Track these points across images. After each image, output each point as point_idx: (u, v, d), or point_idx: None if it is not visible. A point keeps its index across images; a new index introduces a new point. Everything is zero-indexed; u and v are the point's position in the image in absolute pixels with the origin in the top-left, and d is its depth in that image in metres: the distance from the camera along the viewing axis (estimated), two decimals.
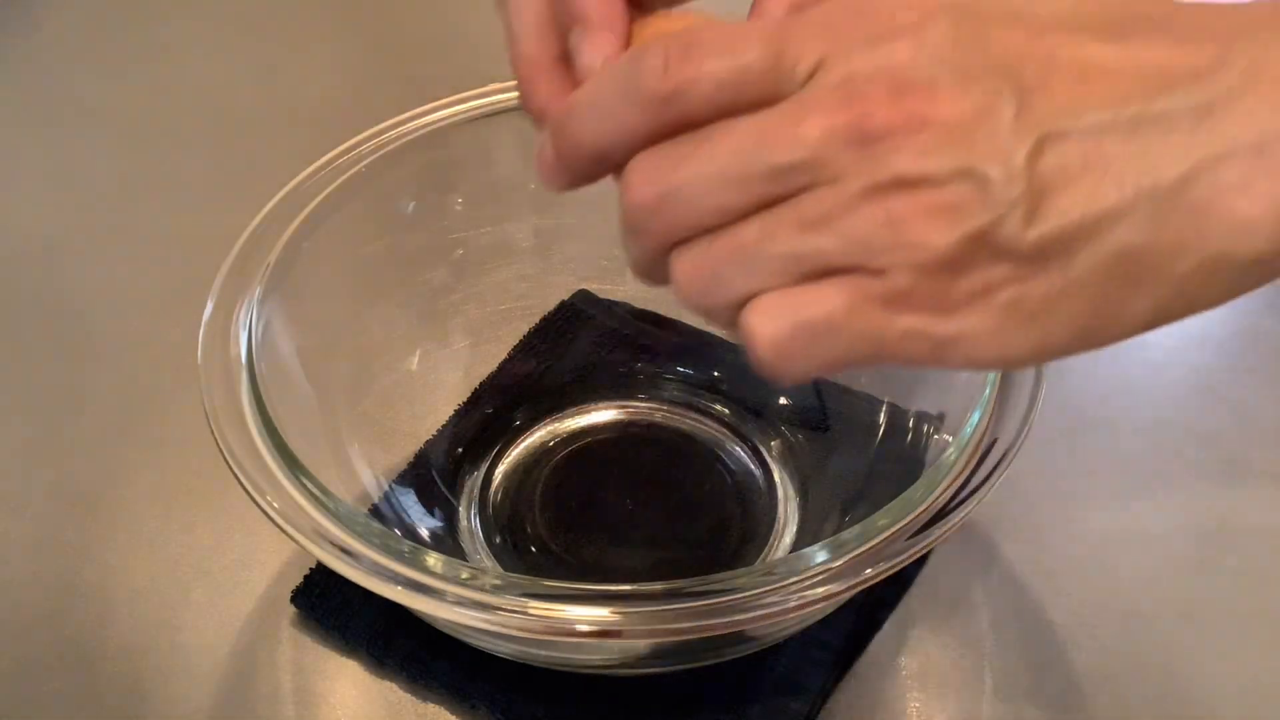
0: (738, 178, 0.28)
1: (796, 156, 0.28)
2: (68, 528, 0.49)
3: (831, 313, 0.28)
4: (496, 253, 0.52)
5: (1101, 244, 0.26)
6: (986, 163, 0.26)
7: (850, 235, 0.27)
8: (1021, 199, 0.26)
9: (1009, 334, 0.27)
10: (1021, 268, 0.27)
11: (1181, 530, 0.49)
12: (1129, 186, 0.26)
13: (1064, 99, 0.27)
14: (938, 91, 0.27)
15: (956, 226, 0.27)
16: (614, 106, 0.30)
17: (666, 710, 0.43)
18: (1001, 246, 0.27)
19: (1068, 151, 0.26)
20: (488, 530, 0.47)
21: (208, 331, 0.42)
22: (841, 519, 0.45)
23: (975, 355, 0.28)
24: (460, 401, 0.51)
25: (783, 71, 0.28)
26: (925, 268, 0.27)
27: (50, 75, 0.73)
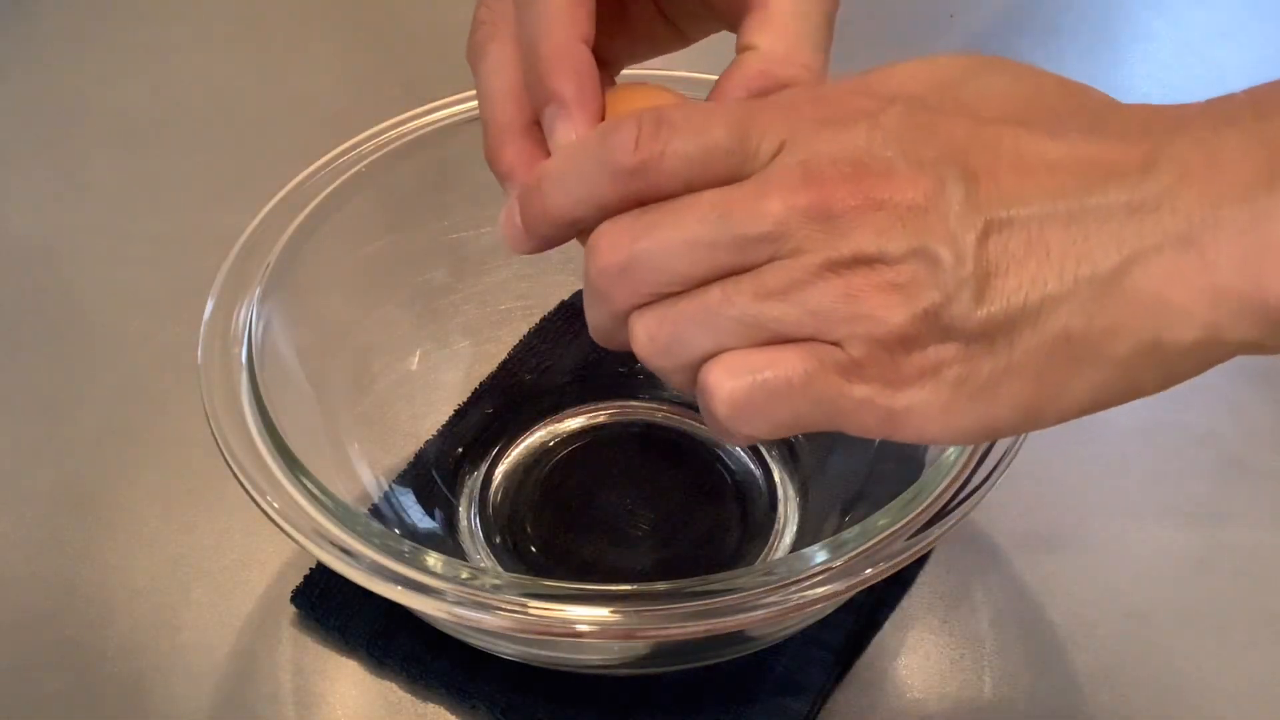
0: (704, 245, 0.30)
1: (761, 229, 0.29)
2: (68, 528, 0.49)
3: (790, 375, 0.29)
4: (496, 253, 0.52)
5: (1043, 326, 0.28)
6: (939, 243, 0.28)
7: (810, 305, 0.29)
8: (970, 279, 0.28)
9: (956, 410, 0.29)
10: (969, 346, 0.28)
11: (1181, 530, 0.49)
12: (1069, 273, 0.27)
13: (1008, 187, 0.28)
14: (894, 175, 0.29)
15: (910, 303, 0.28)
16: (584, 177, 0.32)
17: (666, 710, 0.43)
18: (951, 325, 0.28)
19: (1012, 237, 0.28)
20: (487, 530, 0.47)
21: (208, 331, 0.42)
22: (841, 519, 0.45)
23: (924, 429, 0.29)
24: (460, 401, 0.51)
25: (748, 150, 0.30)
26: (881, 341, 0.29)
27: (50, 75, 0.73)
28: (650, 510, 0.48)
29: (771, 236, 0.29)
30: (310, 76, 0.72)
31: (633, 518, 0.48)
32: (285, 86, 0.72)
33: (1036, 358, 0.28)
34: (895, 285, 0.28)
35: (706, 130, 0.30)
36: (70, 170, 0.67)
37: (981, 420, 0.29)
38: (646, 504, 0.48)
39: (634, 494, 0.49)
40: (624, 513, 0.48)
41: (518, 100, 0.35)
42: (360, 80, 0.72)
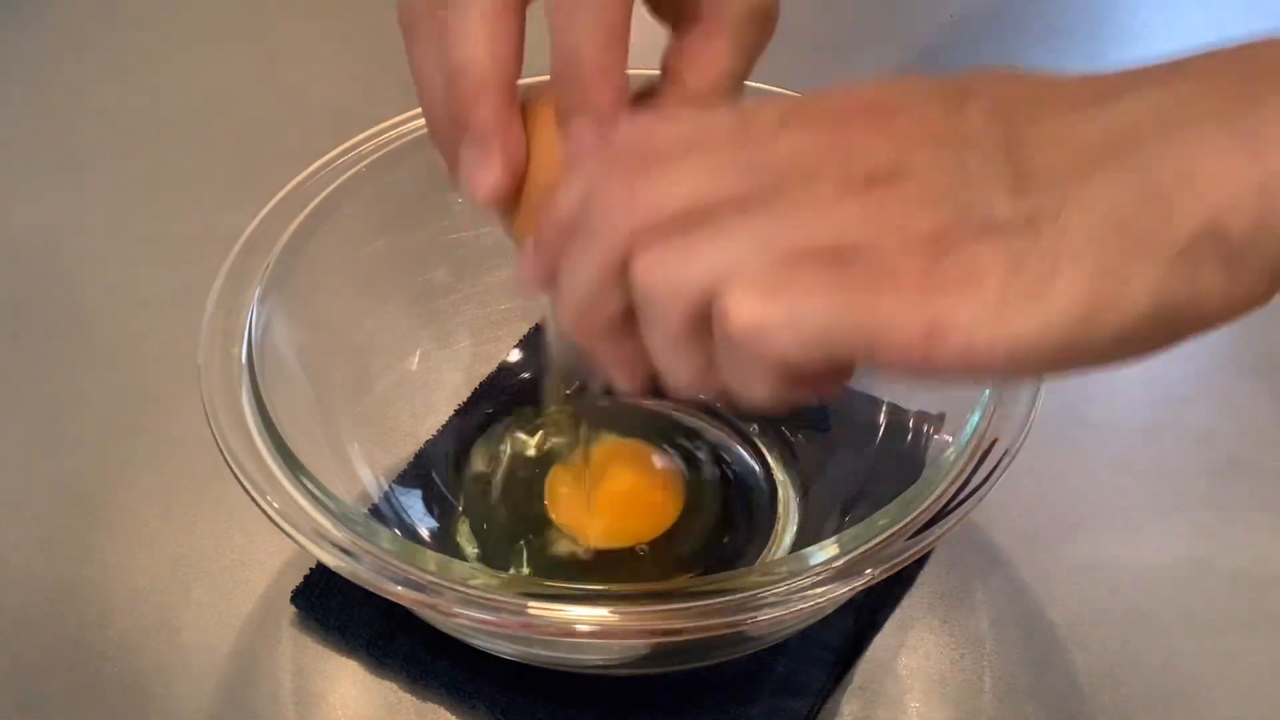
0: (714, 166, 0.28)
1: (774, 154, 0.28)
2: (68, 528, 0.49)
3: (816, 284, 0.27)
4: (496, 253, 0.52)
5: (1091, 206, 0.26)
6: (964, 148, 0.27)
7: (833, 218, 0.27)
8: (1003, 170, 0.26)
9: (1007, 314, 0.26)
10: (1012, 239, 0.26)
11: (1181, 530, 0.49)
12: (1110, 150, 0.26)
13: (1028, 106, 0.27)
14: (909, 103, 0.28)
15: (938, 202, 0.26)
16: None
17: (666, 710, 0.43)
18: (989, 218, 0.26)
19: (1041, 134, 0.27)
20: (487, 530, 0.47)
21: (208, 331, 0.42)
22: (841, 519, 0.45)
23: (973, 341, 0.26)
24: (460, 401, 0.51)
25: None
26: (911, 243, 0.26)
27: (50, 75, 0.73)
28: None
29: (786, 159, 0.27)
30: (310, 76, 0.72)
31: None
32: (285, 86, 0.72)
33: (1089, 245, 0.26)
34: (920, 189, 0.27)
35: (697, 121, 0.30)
36: (70, 170, 0.67)
37: (1037, 324, 0.26)
38: None
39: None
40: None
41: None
42: (360, 80, 0.72)
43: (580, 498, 0.47)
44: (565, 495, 0.47)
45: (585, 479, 0.47)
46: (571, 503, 0.47)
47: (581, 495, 0.47)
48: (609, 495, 0.47)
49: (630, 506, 0.47)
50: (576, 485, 0.47)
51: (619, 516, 0.47)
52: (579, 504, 0.46)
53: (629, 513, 0.47)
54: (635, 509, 0.47)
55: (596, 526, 0.46)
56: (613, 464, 0.48)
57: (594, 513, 0.46)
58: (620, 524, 0.46)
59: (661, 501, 0.47)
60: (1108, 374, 0.55)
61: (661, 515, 0.47)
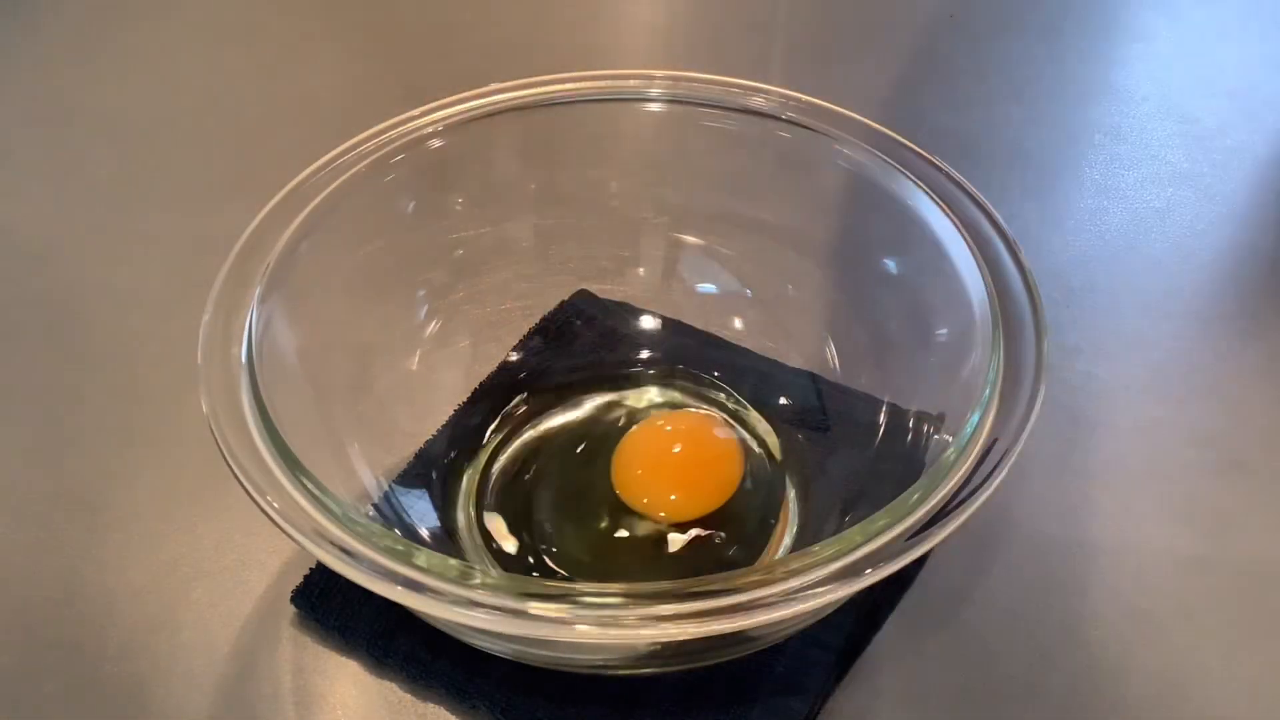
0: None
1: None
2: (68, 528, 0.49)
3: None
4: (496, 253, 0.52)
5: None
6: None
7: None
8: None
9: None
10: None
11: (1181, 530, 0.49)
12: None
13: None
14: None
15: None
16: None
17: (666, 710, 0.43)
18: None
19: None
20: (486, 530, 0.47)
21: (208, 331, 0.42)
22: (841, 519, 0.45)
23: None
24: (460, 401, 0.51)
25: None
26: None
27: (50, 75, 0.73)
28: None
29: None
30: (310, 76, 0.72)
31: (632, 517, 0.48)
32: (285, 86, 0.72)
33: None
34: None
35: None
36: (70, 170, 0.67)
37: None
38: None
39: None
40: (623, 512, 0.48)
41: None
42: (360, 80, 0.72)
43: (650, 476, 0.47)
44: (636, 475, 0.47)
45: (651, 456, 0.47)
46: (642, 481, 0.47)
47: (651, 473, 0.47)
48: (685, 468, 0.47)
49: (705, 477, 0.48)
50: (644, 462, 0.47)
51: (696, 488, 0.47)
52: (651, 481, 0.47)
53: (704, 483, 0.47)
54: (709, 479, 0.48)
55: (674, 502, 0.46)
56: (681, 437, 0.48)
57: (671, 488, 0.47)
58: (697, 496, 0.47)
59: (730, 468, 0.47)
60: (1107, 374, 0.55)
61: (730, 482, 0.47)
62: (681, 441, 0.49)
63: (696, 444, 0.49)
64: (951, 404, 0.43)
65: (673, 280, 0.55)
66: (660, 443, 0.48)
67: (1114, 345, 0.56)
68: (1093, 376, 0.55)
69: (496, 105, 0.50)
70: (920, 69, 0.72)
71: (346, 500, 0.40)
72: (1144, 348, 0.56)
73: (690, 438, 0.49)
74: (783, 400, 0.51)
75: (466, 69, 0.70)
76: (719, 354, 0.53)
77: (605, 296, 0.55)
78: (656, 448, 0.48)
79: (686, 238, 0.54)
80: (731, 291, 0.54)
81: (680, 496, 0.47)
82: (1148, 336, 0.57)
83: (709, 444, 0.49)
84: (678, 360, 0.53)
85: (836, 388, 0.50)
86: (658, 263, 0.55)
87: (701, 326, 0.54)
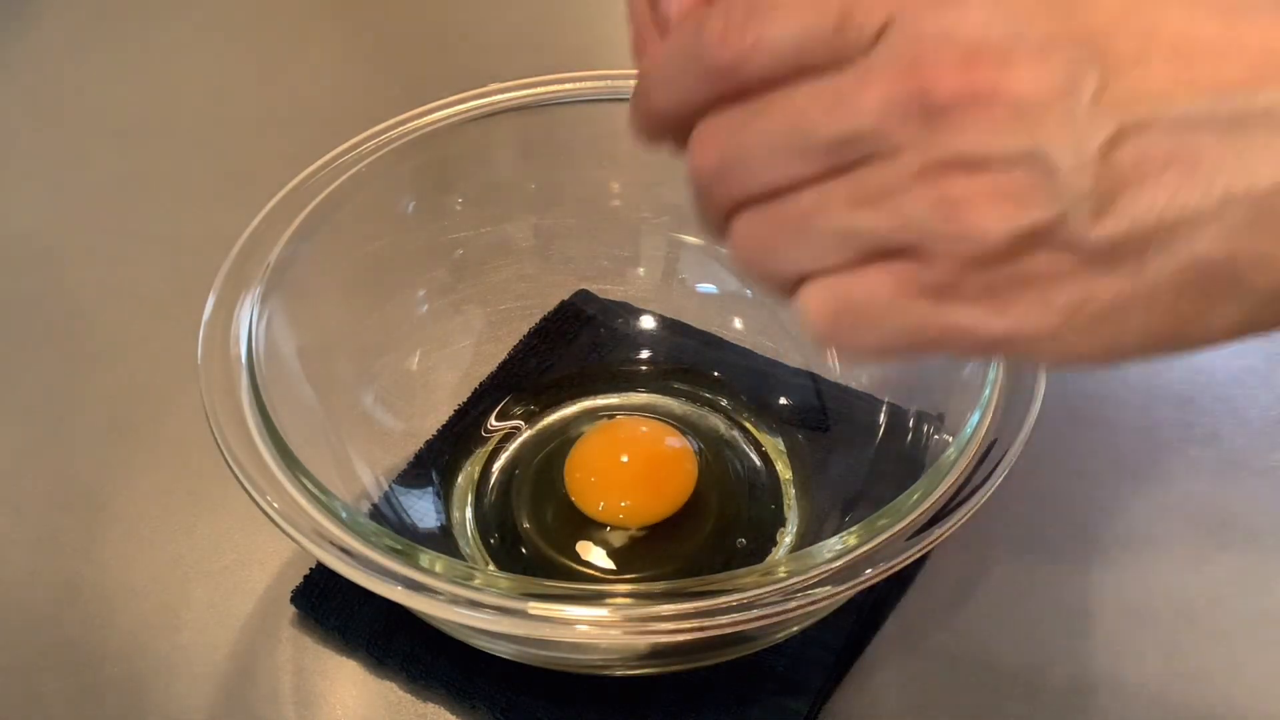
0: (796, 148, 0.27)
1: (855, 127, 0.26)
2: (68, 528, 0.49)
3: (874, 299, 0.27)
4: (496, 253, 0.52)
5: (1178, 252, 0.24)
6: (1057, 148, 0.24)
7: (903, 215, 0.26)
8: (1090, 191, 0.24)
9: (1072, 336, 0.25)
10: (1086, 267, 0.25)
11: (1181, 530, 0.49)
12: (1217, 189, 0.24)
13: (1157, 80, 0.24)
14: (1012, 61, 0.25)
15: (1014, 216, 0.25)
16: (678, 75, 0.29)
17: (666, 710, 0.43)
18: (1064, 242, 0.25)
19: (1152, 143, 0.24)
20: (486, 530, 0.47)
21: (208, 331, 0.42)
22: (841, 519, 0.45)
23: (1036, 354, 0.26)
24: (460, 401, 0.51)
25: (848, 35, 0.26)
26: (977, 259, 0.25)
27: (50, 75, 0.73)
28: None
29: (868, 134, 0.26)
30: (310, 77, 0.72)
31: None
32: (285, 87, 0.72)
33: (1167, 287, 0.24)
34: (1000, 194, 0.25)
35: (800, 15, 0.26)
36: (70, 170, 0.67)
37: (1104, 347, 0.25)
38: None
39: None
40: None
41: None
42: (360, 80, 0.72)
43: (599, 479, 0.47)
44: (582, 479, 0.47)
45: (603, 461, 0.47)
46: (590, 485, 0.47)
47: (601, 477, 0.47)
48: (631, 473, 0.47)
49: (651, 482, 0.48)
50: (594, 467, 0.48)
51: (642, 493, 0.47)
52: (599, 486, 0.47)
53: (652, 489, 0.47)
54: (656, 485, 0.47)
55: (620, 506, 0.47)
56: (631, 442, 0.48)
57: (617, 493, 0.47)
58: (644, 501, 0.47)
59: (683, 474, 0.47)
60: (1107, 374, 0.55)
61: (683, 489, 0.47)
62: (627, 449, 0.49)
63: (641, 451, 0.49)
64: (951, 404, 0.43)
65: (673, 280, 0.55)
66: (606, 451, 0.48)
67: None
68: (1093, 376, 0.55)
69: (496, 105, 0.50)
70: None
71: (346, 500, 0.40)
72: None
73: (636, 445, 0.49)
74: (783, 400, 0.51)
75: (466, 69, 0.70)
76: (719, 354, 0.53)
77: (605, 296, 0.55)
78: (603, 456, 0.48)
79: (686, 238, 0.54)
80: (731, 291, 0.54)
81: (631, 503, 0.47)
82: None
83: (653, 450, 0.49)
84: (678, 360, 0.53)
85: (836, 388, 0.50)
86: (658, 263, 0.55)
87: (701, 326, 0.54)
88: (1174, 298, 0.25)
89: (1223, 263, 0.24)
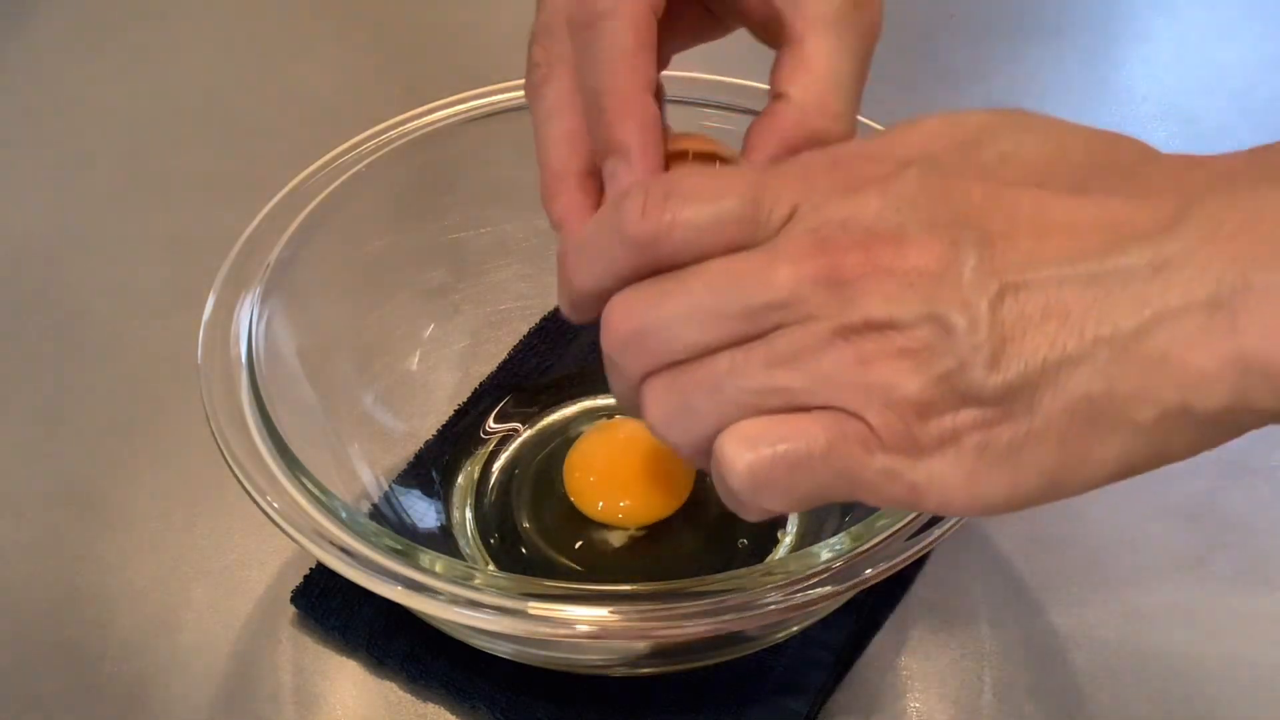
0: (711, 315, 0.29)
1: (770, 297, 0.29)
2: (68, 528, 0.49)
3: (811, 445, 0.29)
4: (496, 253, 0.52)
5: (1063, 390, 0.27)
6: (951, 309, 0.27)
7: (822, 372, 0.28)
8: (985, 343, 0.27)
9: (979, 480, 0.28)
10: (988, 411, 0.27)
11: (1181, 530, 0.49)
12: (1088, 334, 0.27)
13: (1025, 250, 0.27)
14: (905, 240, 0.28)
15: (924, 370, 0.27)
16: (601, 250, 0.32)
17: (666, 710, 0.43)
18: (967, 391, 0.27)
19: (1028, 300, 0.27)
20: (485, 530, 0.47)
21: (208, 331, 0.42)
22: (841, 519, 0.45)
23: (949, 500, 0.29)
24: (460, 401, 0.51)
25: (759, 218, 0.29)
26: (896, 409, 0.28)
27: (50, 75, 0.73)
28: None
29: (781, 304, 0.29)
30: (310, 76, 0.72)
31: None
32: (285, 86, 0.72)
33: (1058, 423, 0.27)
34: (907, 352, 0.28)
35: (716, 198, 0.30)
36: (70, 170, 0.67)
37: (1006, 489, 0.28)
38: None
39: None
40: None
41: (574, 146, 0.35)
42: (360, 80, 0.72)
43: (598, 479, 0.47)
44: (581, 478, 0.47)
45: (603, 461, 0.47)
46: (589, 485, 0.47)
47: (599, 476, 0.47)
48: (631, 473, 0.47)
49: (651, 482, 0.47)
50: (593, 467, 0.47)
51: (642, 493, 0.47)
52: (598, 486, 0.47)
53: (652, 489, 0.47)
54: (656, 484, 0.47)
55: (620, 506, 0.46)
56: (630, 442, 0.48)
57: (617, 493, 0.47)
58: (644, 501, 0.47)
59: (683, 474, 0.47)
60: None
61: (682, 489, 0.47)
62: (626, 449, 0.48)
63: (641, 450, 0.49)
64: None
65: None
66: (606, 451, 0.48)
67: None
68: None
69: (496, 105, 0.50)
70: (920, 69, 0.72)
71: (346, 500, 0.40)
72: None
73: (636, 445, 0.49)
74: None
75: (466, 69, 0.70)
76: None
77: None
78: (603, 456, 0.48)
79: None
80: None
81: (631, 503, 0.47)
82: None
83: (653, 450, 0.48)
84: None
85: None
86: None
87: None
88: (1064, 434, 0.27)
89: (1102, 397, 0.27)
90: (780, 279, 0.29)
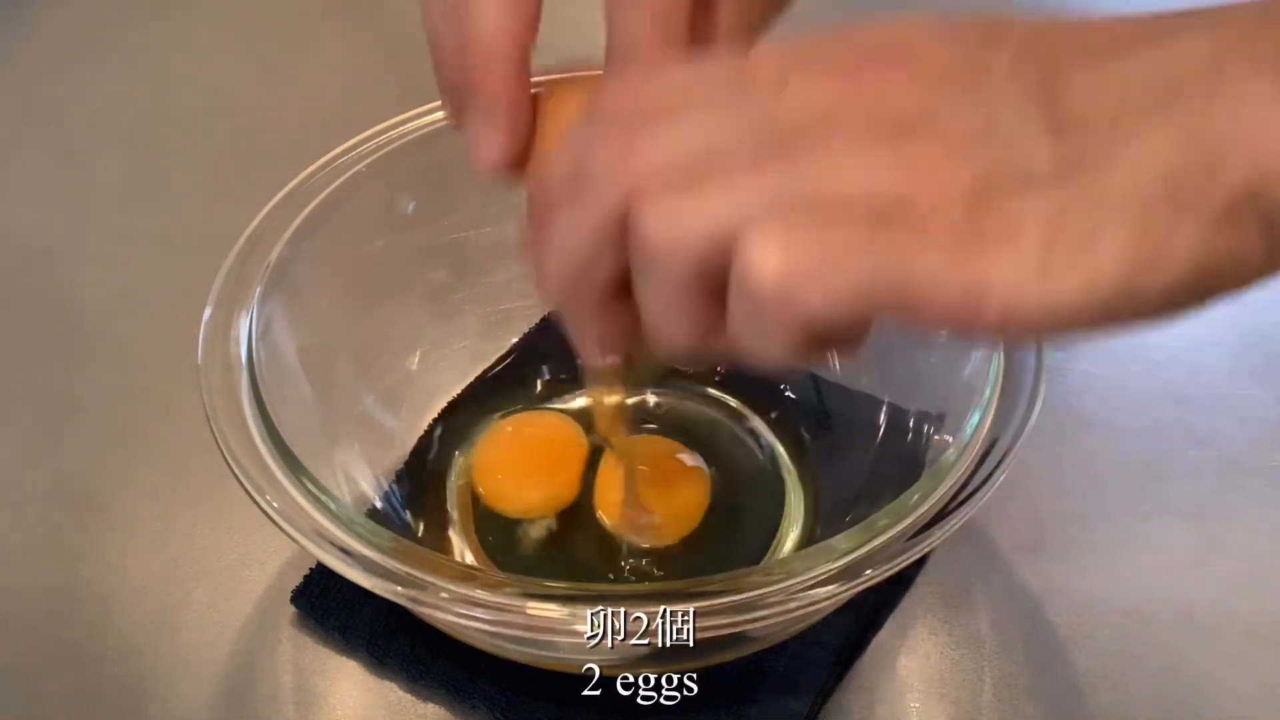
0: (729, 116, 0.26)
1: (786, 106, 0.26)
2: (68, 528, 0.49)
3: (850, 238, 0.24)
4: (496, 253, 0.52)
5: (1135, 160, 0.24)
6: (995, 94, 0.25)
7: (857, 169, 0.25)
8: (1039, 120, 0.25)
9: (1052, 269, 0.24)
10: (1052, 193, 0.24)
11: (1181, 530, 0.49)
12: (1150, 102, 0.24)
13: (1067, 40, 0.26)
14: (927, 47, 0.26)
15: (974, 153, 0.25)
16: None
17: (667, 711, 0.43)
18: (1026, 171, 0.25)
19: (1079, 80, 0.25)
20: (484, 530, 0.47)
21: (208, 331, 0.42)
22: (842, 519, 0.45)
23: (1015, 300, 0.24)
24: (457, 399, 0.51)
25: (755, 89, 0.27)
26: (946, 197, 0.24)
27: (50, 75, 0.73)
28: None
29: (798, 111, 0.25)
30: (310, 76, 0.72)
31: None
32: (285, 86, 0.72)
33: (1133, 200, 0.24)
34: (952, 137, 0.25)
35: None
36: (70, 170, 0.67)
37: (1080, 285, 0.24)
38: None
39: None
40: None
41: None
42: (360, 80, 0.72)
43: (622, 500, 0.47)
44: (608, 498, 0.47)
45: (623, 481, 0.47)
46: (610, 505, 0.47)
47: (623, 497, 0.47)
48: (650, 493, 0.47)
49: (671, 507, 0.47)
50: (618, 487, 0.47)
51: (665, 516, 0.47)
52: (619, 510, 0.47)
53: (671, 513, 0.47)
54: (675, 509, 0.47)
55: (649, 528, 0.46)
56: (648, 465, 0.48)
57: (635, 524, 0.46)
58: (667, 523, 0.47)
59: (697, 499, 0.47)
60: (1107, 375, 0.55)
61: (696, 512, 0.47)
62: (657, 472, 0.48)
63: (670, 473, 0.48)
64: (952, 404, 0.43)
65: None
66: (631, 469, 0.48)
67: (1114, 345, 0.56)
68: (1093, 376, 0.55)
69: None
70: None
71: (346, 500, 0.40)
72: (1144, 348, 0.56)
73: (664, 467, 0.48)
74: (784, 400, 0.51)
75: None
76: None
77: None
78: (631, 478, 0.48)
79: None
80: None
81: (658, 527, 0.47)
82: (1148, 337, 0.57)
83: (680, 473, 0.48)
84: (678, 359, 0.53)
85: (837, 388, 0.50)
86: None
87: None
88: (1141, 209, 0.24)
89: (1177, 167, 0.24)
90: (794, 92, 0.26)
